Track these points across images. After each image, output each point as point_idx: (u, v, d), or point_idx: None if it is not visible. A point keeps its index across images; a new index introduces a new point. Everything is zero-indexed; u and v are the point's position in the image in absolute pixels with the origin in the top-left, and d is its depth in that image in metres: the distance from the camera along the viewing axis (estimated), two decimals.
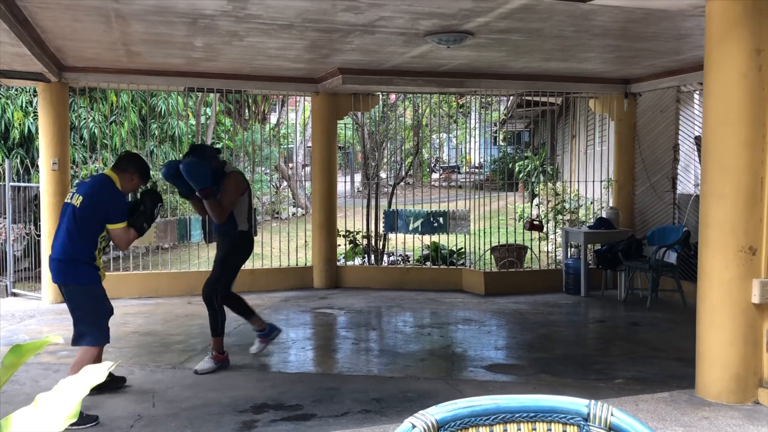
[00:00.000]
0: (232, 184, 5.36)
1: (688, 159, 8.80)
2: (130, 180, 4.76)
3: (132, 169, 4.77)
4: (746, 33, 4.38)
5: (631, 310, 8.07)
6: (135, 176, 4.79)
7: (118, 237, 4.59)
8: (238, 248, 5.54)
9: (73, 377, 1.44)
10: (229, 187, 5.33)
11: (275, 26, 5.94)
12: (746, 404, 4.47)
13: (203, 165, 5.18)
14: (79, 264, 4.54)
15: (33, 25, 5.96)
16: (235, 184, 5.37)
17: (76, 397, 1.38)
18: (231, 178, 5.38)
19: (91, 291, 4.59)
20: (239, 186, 5.41)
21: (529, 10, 5.42)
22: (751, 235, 4.43)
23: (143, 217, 4.70)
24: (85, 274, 4.56)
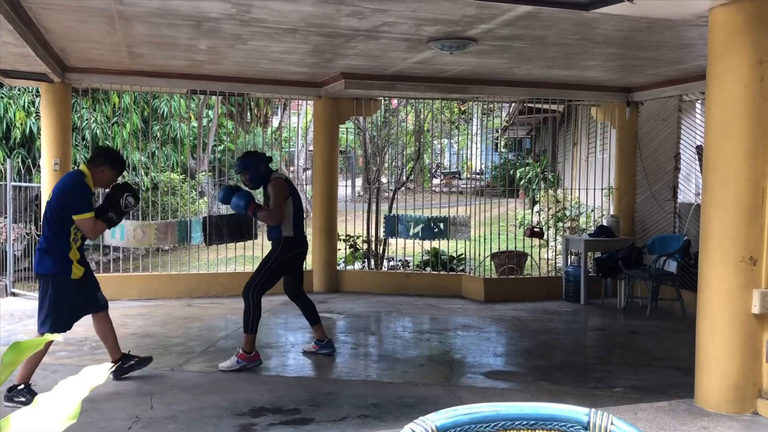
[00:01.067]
0: (275, 189, 5.73)
1: (689, 168, 8.81)
2: (102, 173, 4.96)
3: (102, 163, 4.97)
4: (749, 43, 4.39)
5: (630, 318, 8.06)
6: (106, 169, 4.97)
7: (84, 227, 4.77)
8: (280, 253, 5.79)
9: (71, 378, 1.44)
10: (273, 193, 5.72)
11: (279, 30, 5.95)
12: (745, 415, 4.47)
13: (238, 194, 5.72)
14: (50, 255, 4.76)
15: (37, 25, 5.97)
16: (277, 188, 5.73)
17: (75, 398, 1.38)
18: (272, 183, 5.75)
19: (53, 281, 4.76)
20: (282, 190, 5.74)
21: (532, 18, 5.43)
22: (751, 246, 4.43)
23: (110, 208, 4.91)
24: (53, 265, 4.76)
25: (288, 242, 5.79)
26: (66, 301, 4.78)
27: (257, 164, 5.82)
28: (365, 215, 10.75)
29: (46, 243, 4.79)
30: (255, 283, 5.72)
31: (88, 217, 4.75)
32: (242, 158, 5.99)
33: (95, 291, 5.10)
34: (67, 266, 4.77)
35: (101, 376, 1.44)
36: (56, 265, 4.76)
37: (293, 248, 5.84)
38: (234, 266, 10.12)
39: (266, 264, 5.81)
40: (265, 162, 5.88)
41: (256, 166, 5.81)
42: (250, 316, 5.67)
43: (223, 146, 15.96)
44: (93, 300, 5.05)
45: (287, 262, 5.84)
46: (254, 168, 5.80)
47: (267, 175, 5.83)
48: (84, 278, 4.91)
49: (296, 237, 5.83)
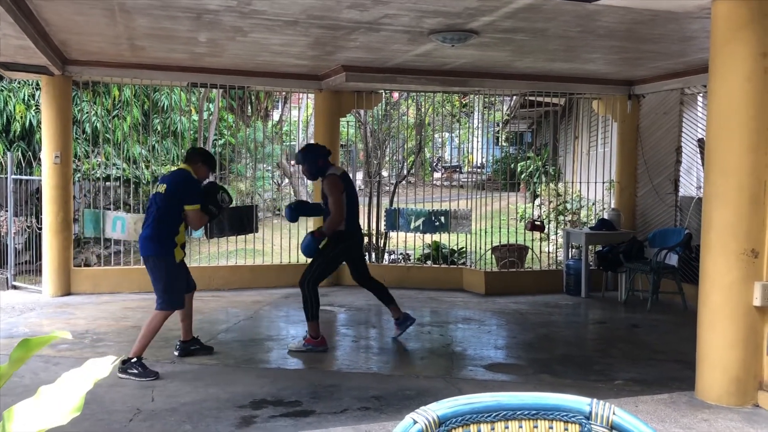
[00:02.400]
0: (330, 186, 5.94)
1: (690, 161, 8.80)
2: (199, 168, 5.55)
3: (197, 159, 5.58)
4: (752, 36, 4.38)
5: (631, 311, 8.07)
6: (201, 164, 5.57)
7: (192, 217, 5.36)
8: (333, 245, 6.00)
9: (75, 370, 1.44)
10: (329, 190, 5.94)
11: (280, 22, 5.94)
12: (746, 407, 4.47)
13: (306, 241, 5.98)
14: (157, 241, 5.31)
15: (37, 18, 5.96)
16: (332, 185, 5.94)
17: (79, 391, 1.38)
18: (328, 181, 5.96)
19: (163, 263, 5.31)
20: (337, 187, 5.94)
21: (534, 10, 5.41)
22: (753, 238, 4.43)
23: (210, 203, 5.47)
24: (160, 249, 5.31)
25: (341, 235, 6.02)
26: (175, 280, 5.37)
27: (316, 159, 6.05)
28: (366, 209, 10.74)
29: (154, 229, 5.31)
30: (310, 274, 5.99)
31: (196, 209, 5.36)
32: (302, 151, 6.23)
33: (188, 274, 5.70)
34: (170, 249, 5.32)
35: (105, 369, 1.44)
36: (162, 247, 5.31)
37: (343, 241, 6.06)
38: (235, 259, 10.12)
39: (320, 255, 6.04)
40: (323, 157, 6.08)
41: (315, 160, 6.05)
42: (310, 305, 5.96)
43: (223, 140, 15.95)
44: (188, 281, 5.67)
45: (339, 254, 6.11)
46: (313, 162, 6.03)
47: (325, 169, 6.03)
48: (182, 261, 5.51)
49: (347, 230, 6.05)
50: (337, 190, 5.94)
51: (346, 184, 6.05)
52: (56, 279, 8.37)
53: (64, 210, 8.44)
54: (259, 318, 7.51)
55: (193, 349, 5.82)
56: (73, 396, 1.36)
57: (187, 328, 5.82)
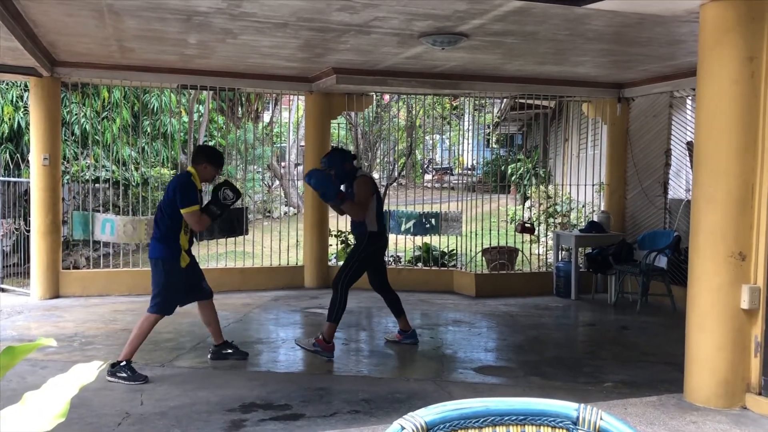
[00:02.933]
0: (362, 185, 6.01)
1: (679, 164, 8.84)
2: (204, 170, 5.46)
3: (202, 160, 5.46)
4: (739, 40, 4.41)
5: (621, 313, 8.10)
6: (207, 165, 5.46)
7: (189, 220, 5.28)
8: (366, 246, 6.07)
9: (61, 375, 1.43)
10: (360, 188, 5.98)
11: (270, 25, 5.93)
12: (734, 409, 4.49)
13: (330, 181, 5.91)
14: (165, 244, 5.31)
15: (25, 19, 5.92)
16: (365, 185, 6.02)
17: (64, 396, 1.37)
18: (360, 180, 6.03)
19: (163, 265, 5.30)
20: (369, 186, 6.04)
21: (523, 13, 5.43)
22: (741, 241, 4.45)
23: (211, 202, 5.40)
24: (161, 251, 5.31)
25: (373, 236, 6.07)
26: (174, 285, 5.33)
27: (343, 162, 6.08)
28: None
29: (159, 233, 5.34)
30: (344, 275, 6.01)
31: (192, 211, 5.27)
32: (329, 155, 6.25)
33: (200, 280, 5.62)
34: (175, 253, 5.31)
35: (90, 374, 1.43)
36: (167, 251, 5.29)
37: (378, 242, 6.13)
38: (225, 262, 10.09)
39: (353, 257, 6.11)
40: (350, 160, 6.14)
41: (342, 163, 6.07)
42: (336, 306, 5.95)
43: (213, 141, 15.90)
44: (198, 288, 5.58)
45: (373, 255, 6.15)
46: (340, 165, 6.05)
47: (352, 173, 6.08)
48: (190, 267, 5.45)
49: (380, 231, 6.12)
50: (369, 189, 6.03)
51: (374, 188, 6.17)
52: (45, 281, 8.32)
53: (53, 212, 8.39)
54: (248, 321, 7.49)
55: (226, 353, 5.75)
56: (59, 401, 1.35)
57: (215, 331, 5.76)
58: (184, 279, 5.40)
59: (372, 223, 6.05)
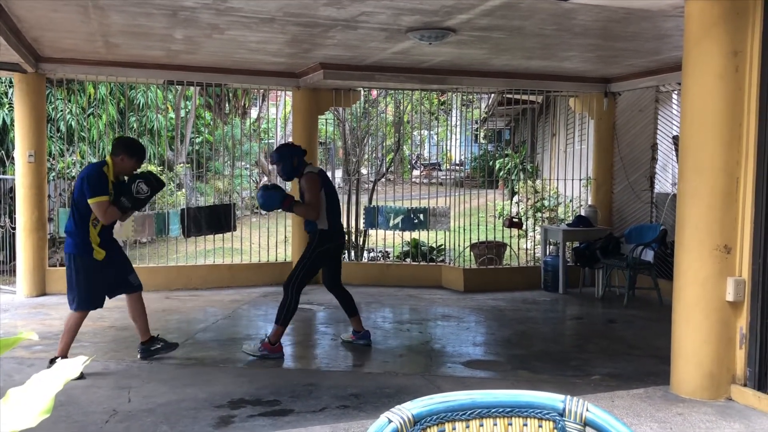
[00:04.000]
0: (309, 182, 5.79)
1: (666, 158, 8.90)
2: (121, 162, 5.24)
3: (119, 151, 5.26)
4: (724, 34, 4.43)
5: (608, 307, 8.15)
6: (124, 157, 5.24)
7: (96, 211, 5.07)
8: (316, 245, 5.87)
9: (45, 371, 1.43)
10: (307, 186, 5.78)
11: (256, 20, 5.91)
12: (719, 401, 4.54)
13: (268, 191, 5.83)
14: (70, 237, 5.18)
15: (9, 14, 5.87)
16: (311, 182, 5.78)
17: (49, 392, 1.36)
18: (306, 178, 5.81)
19: (75, 261, 5.14)
20: (315, 183, 5.79)
21: (510, 8, 5.44)
22: (726, 234, 4.49)
23: (122, 194, 5.18)
24: (73, 246, 5.15)
25: (323, 235, 5.87)
26: (89, 280, 5.16)
27: (291, 157, 5.88)
28: (345, 206, 10.72)
29: (70, 226, 5.16)
30: (295, 276, 5.81)
31: (99, 201, 5.04)
32: (277, 150, 6.05)
33: (126, 273, 5.43)
34: (87, 248, 5.13)
35: (75, 370, 1.43)
36: (77, 246, 5.13)
37: (329, 241, 5.92)
38: (213, 258, 10.06)
39: (304, 257, 5.92)
40: (299, 155, 5.92)
41: (290, 159, 5.87)
42: (285, 309, 5.75)
43: (201, 138, 15.83)
44: (124, 281, 5.40)
45: (324, 254, 5.93)
46: (288, 160, 5.86)
47: (300, 168, 5.88)
48: (108, 260, 5.23)
49: (331, 230, 5.90)
50: (315, 187, 5.80)
51: (324, 183, 5.92)
52: (31, 279, 8.26)
53: (39, 209, 8.33)
54: (237, 317, 7.47)
55: (155, 348, 5.58)
56: (43, 398, 1.34)
57: (142, 328, 5.55)
58: (104, 272, 5.21)
59: (322, 220, 5.84)
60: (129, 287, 5.44)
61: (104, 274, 5.23)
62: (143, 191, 5.21)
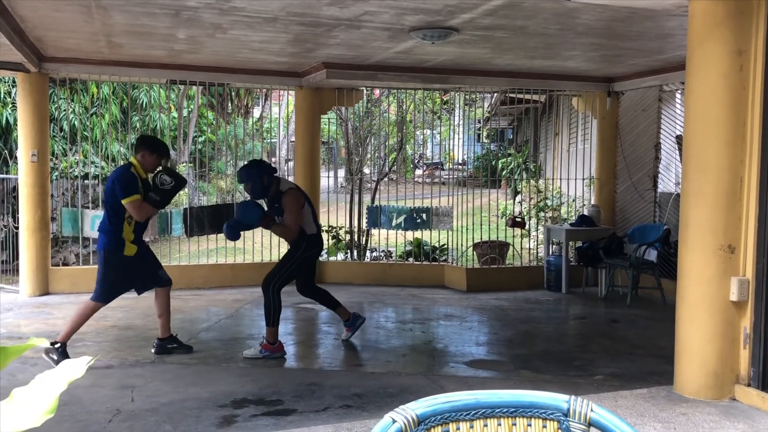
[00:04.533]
0: (292, 201, 5.67)
1: (669, 158, 8.88)
2: (143, 159, 5.50)
3: (141, 149, 5.53)
4: (728, 34, 4.42)
5: (611, 307, 8.13)
6: (145, 154, 5.50)
7: (130, 210, 5.36)
8: (304, 250, 5.84)
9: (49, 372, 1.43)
10: (289, 206, 5.67)
11: (259, 19, 5.90)
12: (723, 401, 4.53)
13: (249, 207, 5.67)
14: (103, 234, 5.46)
15: (12, 14, 5.87)
16: (294, 200, 5.69)
17: (53, 392, 1.36)
18: (289, 196, 5.68)
19: (105, 256, 5.45)
20: (298, 201, 5.72)
21: (513, 7, 5.43)
22: (730, 234, 4.48)
23: (150, 190, 5.43)
24: (106, 243, 5.44)
25: (311, 239, 5.87)
26: (118, 276, 5.48)
27: (260, 176, 5.67)
28: (348, 206, 10.72)
29: (104, 225, 5.47)
30: (276, 278, 5.76)
31: (131, 201, 5.33)
32: (245, 168, 5.80)
33: (156, 268, 5.69)
34: (119, 245, 5.42)
35: (79, 370, 1.43)
36: (110, 242, 5.42)
37: (316, 245, 5.96)
38: (216, 258, 10.07)
39: (289, 260, 5.85)
40: (268, 173, 5.72)
41: (260, 177, 5.67)
42: (271, 310, 5.72)
43: (204, 137, 15.84)
44: (154, 276, 5.67)
45: (309, 258, 5.94)
46: (257, 180, 5.66)
47: (270, 187, 5.71)
48: (138, 256, 5.52)
49: (318, 234, 5.96)
50: (299, 205, 5.71)
51: (301, 193, 5.87)
52: (34, 279, 8.27)
53: (42, 209, 8.34)
54: (239, 317, 7.48)
55: (171, 347, 5.79)
56: (47, 397, 1.34)
57: (164, 324, 5.80)
58: (132, 268, 5.51)
59: (310, 226, 5.83)
60: (159, 282, 5.71)
61: (135, 269, 5.52)
62: (167, 182, 5.44)
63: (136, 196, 5.34)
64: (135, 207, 5.34)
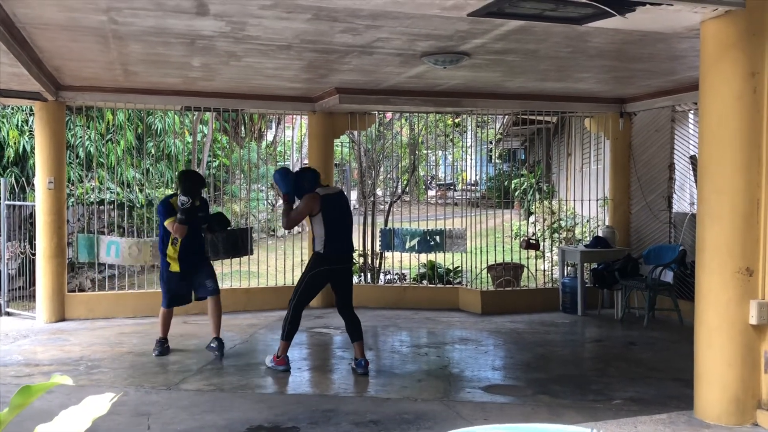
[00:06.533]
0: (304, 201, 6.00)
1: (683, 178, 8.84)
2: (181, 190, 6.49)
3: (178, 182, 6.60)
4: (741, 55, 4.42)
5: (628, 329, 8.06)
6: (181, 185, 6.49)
7: (169, 228, 6.45)
8: (309, 267, 6.09)
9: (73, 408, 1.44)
10: (301, 204, 6.02)
11: (273, 47, 5.97)
12: (745, 426, 4.46)
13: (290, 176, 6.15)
14: (161, 254, 6.67)
15: (31, 45, 5.98)
16: (306, 202, 5.96)
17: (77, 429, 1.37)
18: (306, 197, 6.00)
19: (161, 271, 6.75)
20: (309, 204, 5.94)
21: (525, 32, 5.46)
22: (748, 257, 4.44)
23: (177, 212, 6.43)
24: (161, 260, 6.69)
25: (317, 257, 6.00)
26: (168, 286, 6.66)
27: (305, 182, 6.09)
28: (361, 228, 10.73)
29: (160, 246, 6.68)
30: (295, 295, 6.05)
31: (168, 222, 6.46)
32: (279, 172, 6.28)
33: (205, 279, 6.64)
34: (166, 262, 6.58)
35: (103, 407, 1.44)
36: (162, 260, 6.63)
37: (321, 264, 5.97)
38: (230, 282, 10.09)
39: (302, 277, 6.13)
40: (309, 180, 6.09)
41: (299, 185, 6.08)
42: (286, 323, 6.06)
43: (218, 162, 15.96)
44: (202, 286, 6.64)
45: (317, 276, 6.00)
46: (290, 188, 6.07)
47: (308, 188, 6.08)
48: (183, 271, 6.54)
49: (326, 253, 5.94)
50: (308, 207, 5.91)
51: (326, 206, 5.92)
52: (50, 305, 8.32)
53: (58, 235, 8.41)
54: (254, 342, 7.47)
55: (213, 346, 6.58)
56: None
57: (215, 327, 6.64)
58: (178, 281, 6.59)
59: (319, 243, 5.93)
60: (205, 291, 6.62)
61: (180, 283, 6.60)
62: (184, 202, 6.35)
63: (171, 218, 6.43)
64: (171, 226, 6.43)
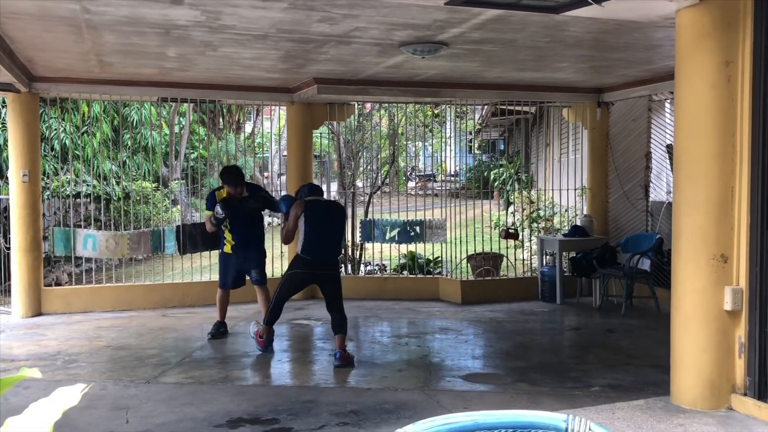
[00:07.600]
0: (291, 209, 6.16)
1: (660, 167, 8.92)
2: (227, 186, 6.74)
3: (221, 179, 6.89)
4: (715, 45, 4.46)
5: (606, 317, 8.14)
6: (224, 182, 6.78)
7: (205, 220, 6.93)
8: (289, 266, 6.41)
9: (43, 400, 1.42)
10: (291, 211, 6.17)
11: (249, 37, 5.92)
12: (720, 410, 4.53)
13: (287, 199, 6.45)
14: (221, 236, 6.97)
15: (2, 35, 5.87)
16: (293, 209, 6.14)
17: (47, 421, 1.35)
18: (293, 204, 6.20)
19: (220, 252, 7.06)
20: (295, 209, 6.13)
21: (502, 21, 5.46)
22: (722, 244, 4.50)
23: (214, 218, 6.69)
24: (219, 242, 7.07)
25: (295, 258, 6.23)
26: (222, 266, 7.00)
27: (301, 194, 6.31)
28: None
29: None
30: (278, 287, 6.26)
31: (206, 214, 6.91)
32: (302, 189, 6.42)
33: (251, 267, 6.92)
34: (222, 242, 6.91)
35: (74, 398, 1.42)
36: (221, 241, 6.97)
37: (297, 266, 6.15)
38: (209, 275, 10.02)
39: (283, 275, 6.41)
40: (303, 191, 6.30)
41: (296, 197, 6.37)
42: (268, 311, 6.35)
43: (195, 154, 15.83)
44: (248, 273, 6.98)
45: (293, 277, 6.18)
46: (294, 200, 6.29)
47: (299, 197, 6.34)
48: (234, 253, 6.84)
49: (303, 255, 6.07)
50: (294, 211, 6.09)
51: (309, 210, 6.04)
52: (26, 299, 8.21)
53: (33, 229, 8.29)
54: (234, 334, 7.42)
55: (221, 330, 7.04)
56: (42, 427, 1.34)
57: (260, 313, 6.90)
58: (231, 261, 6.90)
59: (300, 244, 6.08)
60: (253, 281, 6.95)
61: (231, 263, 6.88)
62: (219, 213, 6.57)
63: (208, 212, 6.76)
64: (207, 219, 6.82)
